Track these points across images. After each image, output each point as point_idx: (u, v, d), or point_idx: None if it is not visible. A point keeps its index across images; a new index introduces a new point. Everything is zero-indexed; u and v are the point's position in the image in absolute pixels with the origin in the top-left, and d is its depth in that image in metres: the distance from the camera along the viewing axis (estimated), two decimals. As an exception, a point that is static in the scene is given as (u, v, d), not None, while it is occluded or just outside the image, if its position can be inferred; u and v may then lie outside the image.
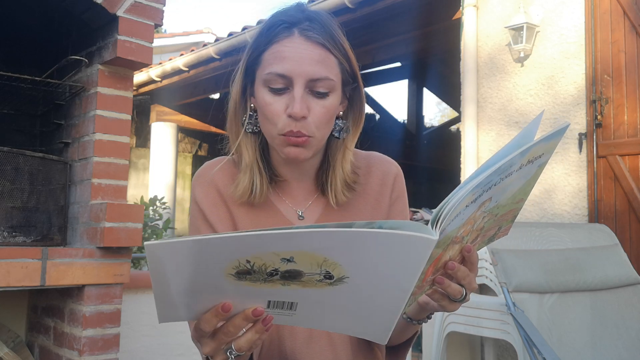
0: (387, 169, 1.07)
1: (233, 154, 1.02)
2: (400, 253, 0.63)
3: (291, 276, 0.65)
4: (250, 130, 0.98)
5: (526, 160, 0.74)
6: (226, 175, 1.02)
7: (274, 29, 0.92)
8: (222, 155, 1.07)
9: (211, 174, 1.02)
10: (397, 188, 1.07)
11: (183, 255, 0.62)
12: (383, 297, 0.68)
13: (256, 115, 0.98)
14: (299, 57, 0.89)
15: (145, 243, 0.61)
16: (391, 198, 1.06)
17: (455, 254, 0.75)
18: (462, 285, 0.79)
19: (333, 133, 0.98)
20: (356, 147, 1.05)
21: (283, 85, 0.91)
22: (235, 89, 0.99)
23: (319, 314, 0.72)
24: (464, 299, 0.80)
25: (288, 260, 0.62)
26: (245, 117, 0.99)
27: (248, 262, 0.63)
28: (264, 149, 1.01)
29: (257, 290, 0.67)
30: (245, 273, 0.64)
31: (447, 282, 0.77)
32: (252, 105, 0.98)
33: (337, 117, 0.99)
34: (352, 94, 1.00)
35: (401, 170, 1.09)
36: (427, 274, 0.71)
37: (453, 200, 0.66)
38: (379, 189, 1.05)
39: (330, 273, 0.64)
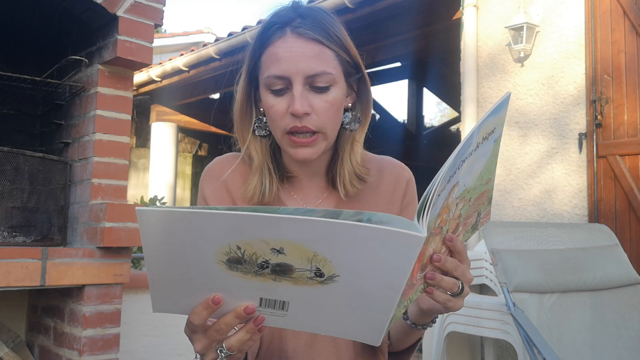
0: (399, 174, 1.06)
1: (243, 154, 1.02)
2: (389, 250, 0.62)
3: (282, 271, 0.65)
4: (260, 134, 0.99)
5: (481, 137, 0.74)
6: (236, 173, 1.02)
7: (267, 32, 0.93)
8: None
9: (221, 170, 1.02)
10: (409, 193, 1.06)
11: (172, 227, 0.62)
12: (374, 297, 0.68)
13: (265, 119, 0.98)
14: (293, 55, 0.89)
15: (137, 208, 0.60)
16: (403, 203, 1.04)
17: (438, 246, 0.75)
18: (456, 278, 0.77)
19: (343, 125, 0.98)
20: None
21: (283, 86, 0.91)
22: (239, 94, 0.99)
23: (310, 316, 0.71)
24: (462, 292, 0.79)
25: (278, 252, 0.62)
26: (255, 121, 0.99)
27: (239, 248, 0.63)
28: (274, 149, 1.01)
29: (249, 284, 0.67)
30: (236, 262, 0.64)
31: (439, 277, 0.75)
32: (261, 109, 0.98)
33: (346, 110, 0.98)
34: (358, 84, 0.99)
35: (413, 176, 1.08)
36: (414, 271, 0.70)
37: (430, 193, 0.67)
38: (391, 192, 1.04)
39: (320, 270, 0.64)
